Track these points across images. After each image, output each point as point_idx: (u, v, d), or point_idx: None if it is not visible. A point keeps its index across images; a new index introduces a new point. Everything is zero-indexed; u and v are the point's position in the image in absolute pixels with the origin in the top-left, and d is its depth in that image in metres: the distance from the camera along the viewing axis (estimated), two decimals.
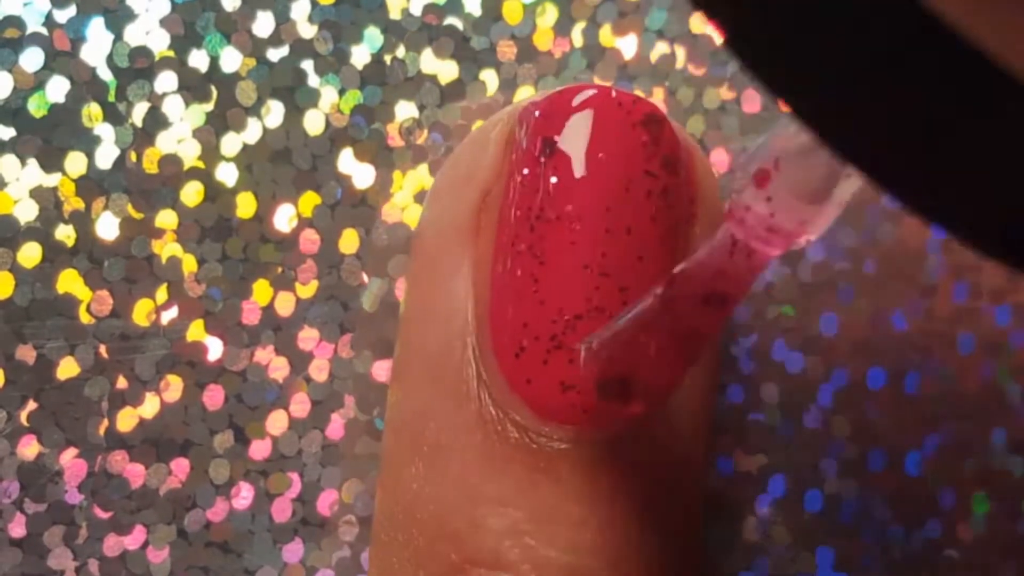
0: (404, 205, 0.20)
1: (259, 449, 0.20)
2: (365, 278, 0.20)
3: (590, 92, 0.18)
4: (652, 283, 0.16)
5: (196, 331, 0.20)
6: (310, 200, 0.20)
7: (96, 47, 0.19)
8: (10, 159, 0.19)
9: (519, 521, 0.17)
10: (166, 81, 0.20)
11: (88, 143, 0.19)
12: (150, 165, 0.20)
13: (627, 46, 0.21)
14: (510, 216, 0.18)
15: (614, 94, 0.18)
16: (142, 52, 0.20)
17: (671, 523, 0.18)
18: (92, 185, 0.19)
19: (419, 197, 0.20)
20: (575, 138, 0.17)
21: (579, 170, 0.17)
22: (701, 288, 0.16)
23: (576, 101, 0.18)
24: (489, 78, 0.21)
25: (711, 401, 0.19)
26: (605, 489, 0.18)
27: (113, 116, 0.19)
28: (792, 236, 0.15)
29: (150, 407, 0.20)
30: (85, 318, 0.19)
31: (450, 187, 0.19)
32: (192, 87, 0.20)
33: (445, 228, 0.18)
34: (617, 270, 0.17)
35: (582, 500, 0.17)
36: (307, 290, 0.20)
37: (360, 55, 0.20)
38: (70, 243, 0.19)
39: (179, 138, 0.20)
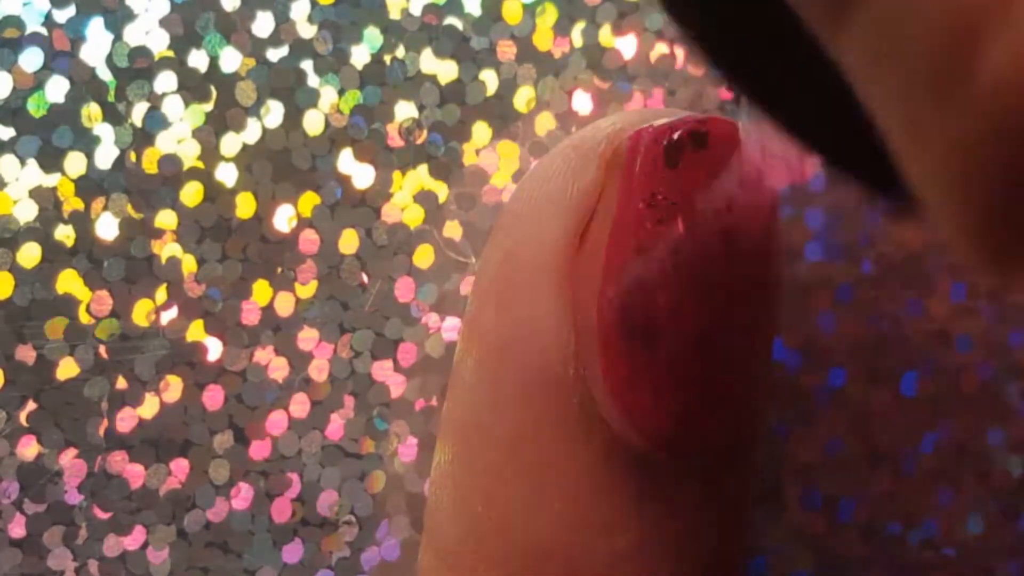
0: (404, 205, 0.20)
1: (259, 449, 0.20)
2: (364, 278, 0.20)
3: (707, 122, 0.17)
4: (769, 307, 0.17)
5: (196, 331, 0.20)
6: (310, 200, 0.20)
7: (95, 47, 0.19)
8: (9, 159, 0.19)
9: (628, 545, 0.17)
10: (165, 81, 0.20)
11: (87, 143, 0.19)
12: (150, 165, 0.20)
13: (627, 46, 0.21)
14: (624, 243, 0.17)
15: (725, 126, 0.17)
16: (142, 52, 0.20)
17: (747, 536, 0.19)
18: (91, 185, 0.19)
19: (419, 197, 0.20)
20: (692, 172, 0.17)
21: (695, 203, 0.17)
22: (714, 225, 0.16)
23: (693, 133, 0.17)
24: (489, 78, 0.21)
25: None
26: (703, 511, 0.18)
27: (112, 116, 0.19)
28: (789, 165, 0.15)
29: (150, 407, 0.20)
30: (85, 318, 0.19)
31: (548, 206, 0.18)
32: (192, 87, 0.20)
33: (545, 248, 0.18)
34: (739, 297, 0.17)
35: (683, 522, 0.18)
36: (307, 290, 0.20)
37: (360, 55, 0.20)
38: (70, 243, 0.19)
39: (179, 138, 0.20)
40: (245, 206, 0.20)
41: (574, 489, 0.17)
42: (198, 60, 0.20)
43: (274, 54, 0.20)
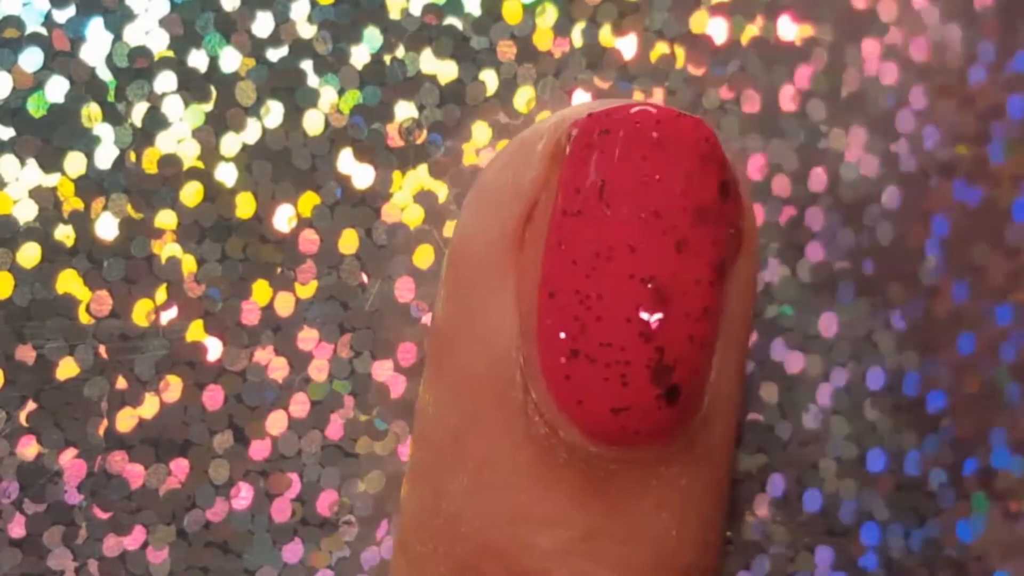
0: (404, 205, 0.20)
1: (259, 449, 0.20)
2: (364, 278, 0.20)
3: (643, 110, 0.17)
4: (706, 303, 0.17)
5: (195, 331, 0.20)
6: (309, 200, 0.20)
7: (95, 47, 0.19)
8: (9, 159, 0.19)
9: (568, 540, 0.17)
10: (165, 81, 0.20)
11: (87, 143, 0.19)
12: (149, 165, 0.20)
13: (627, 46, 0.21)
14: (567, 236, 0.17)
15: (663, 112, 0.17)
16: (141, 52, 0.20)
17: (711, 535, 0.18)
18: (91, 185, 0.19)
19: (419, 197, 0.20)
20: (627, 157, 0.17)
21: (632, 191, 0.17)
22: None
23: (629, 119, 0.17)
24: (489, 78, 0.21)
25: (741, 416, 0.19)
26: (652, 506, 0.18)
27: (112, 116, 0.19)
28: None
29: (149, 407, 0.20)
30: (84, 318, 0.19)
31: (493, 199, 0.18)
32: (191, 87, 0.20)
33: (489, 241, 0.18)
34: (671, 292, 0.17)
35: (628, 518, 0.17)
36: (306, 290, 0.20)
37: (359, 55, 0.20)
38: (69, 243, 0.19)
39: (178, 138, 0.20)
40: (245, 206, 0.20)
41: (515, 483, 0.17)
42: (198, 60, 0.20)
43: (274, 54, 0.20)
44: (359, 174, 0.20)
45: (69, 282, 0.19)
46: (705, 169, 0.17)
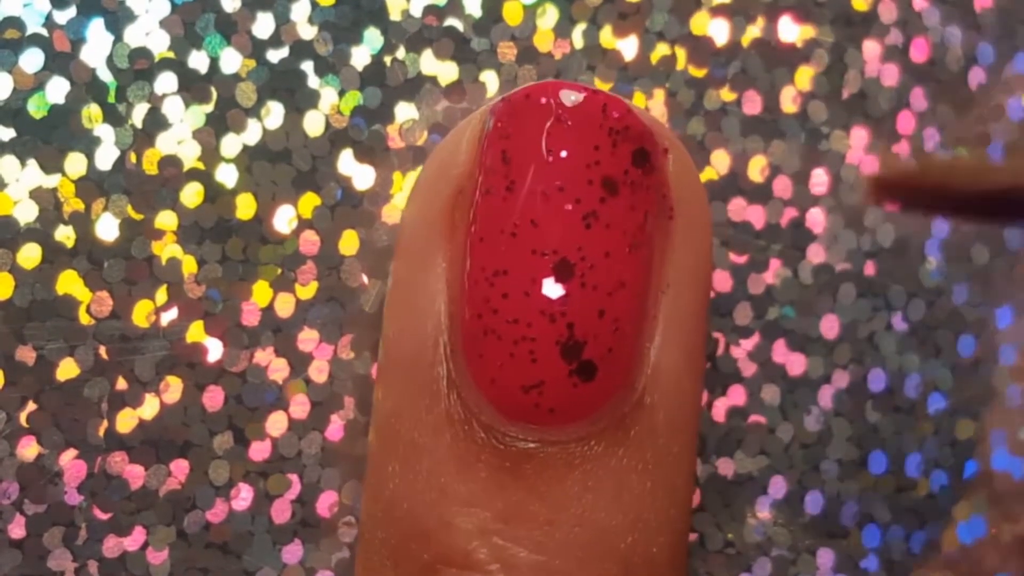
0: (404, 206, 0.20)
1: (259, 450, 0.20)
2: (365, 279, 0.20)
3: (550, 87, 0.17)
4: (621, 277, 0.17)
5: (196, 332, 0.20)
6: (310, 201, 0.20)
7: (96, 48, 0.19)
8: (10, 160, 0.19)
9: (487, 521, 0.17)
10: (166, 82, 0.20)
11: (88, 144, 0.19)
12: (150, 166, 0.20)
13: (628, 48, 0.21)
14: (478, 215, 0.17)
15: (570, 88, 0.17)
16: (142, 53, 0.20)
17: (649, 520, 0.18)
18: (92, 186, 0.19)
19: None
20: (530, 134, 0.17)
21: (536, 167, 0.17)
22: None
23: (534, 97, 0.17)
24: (489, 79, 0.21)
25: (696, 400, 0.19)
26: (573, 488, 0.17)
27: (113, 117, 0.19)
28: None
29: (150, 408, 0.20)
30: (85, 319, 0.19)
31: (427, 186, 0.19)
32: (192, 88, 0.20)
33: (421, 226, 0.18)
34: (579, 266, 0.17)
35: (549, 499, 0.17)
36: (307, 291, 0.20)
37: (360, 56, 0.20)
38: (70, 244, 0.19)
39: (179, 139, 0.20)
40: (245, 207, 0.20)
41: (438, 464, 0.18)
42: (198, 61, 0.20)
43: (274, 55, 0.20)
44: (360, 175, 0.20)
45: (69, 283, 0.19)
46: (615, 142, 0.17)
